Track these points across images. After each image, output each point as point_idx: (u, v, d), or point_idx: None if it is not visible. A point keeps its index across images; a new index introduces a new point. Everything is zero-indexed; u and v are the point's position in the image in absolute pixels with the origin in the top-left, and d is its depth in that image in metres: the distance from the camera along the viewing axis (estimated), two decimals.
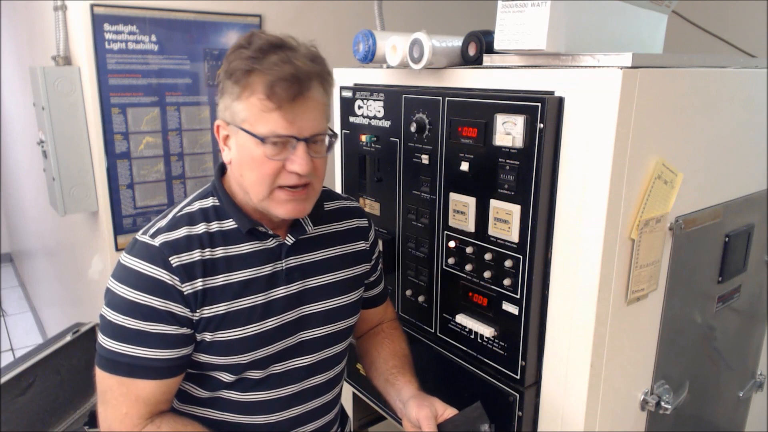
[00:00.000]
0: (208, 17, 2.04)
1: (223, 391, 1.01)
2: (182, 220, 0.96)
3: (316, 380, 1.08)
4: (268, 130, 0.88)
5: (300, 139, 0.90)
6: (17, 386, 1.51)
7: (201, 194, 1.02)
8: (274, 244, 1.00)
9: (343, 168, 1.52)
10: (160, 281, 0.90)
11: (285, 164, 0.91)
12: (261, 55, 0.88)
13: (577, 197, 1.01)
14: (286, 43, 0.91)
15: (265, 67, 0.87)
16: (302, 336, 1.04)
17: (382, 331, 1.24)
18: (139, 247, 0.93)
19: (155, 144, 2.02)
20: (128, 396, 0.92)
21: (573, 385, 1.08)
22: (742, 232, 1.33)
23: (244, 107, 0.89)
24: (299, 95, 0.88)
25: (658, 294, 1.16)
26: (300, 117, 0.89)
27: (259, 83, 0.87)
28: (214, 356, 0.96)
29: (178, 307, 0.92)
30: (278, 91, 0.86)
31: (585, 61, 1.00)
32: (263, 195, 0.93)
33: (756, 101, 1.29)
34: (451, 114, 1.17)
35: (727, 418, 1.58)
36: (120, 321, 0.90)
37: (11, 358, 3.65)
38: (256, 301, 0.98)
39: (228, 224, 0.98)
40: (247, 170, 0.92)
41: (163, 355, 0.91)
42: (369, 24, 1.59)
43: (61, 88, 1.86)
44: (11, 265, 5.26)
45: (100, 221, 2.02)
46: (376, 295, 1.23)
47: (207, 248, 0.95)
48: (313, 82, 0.90)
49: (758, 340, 1.59)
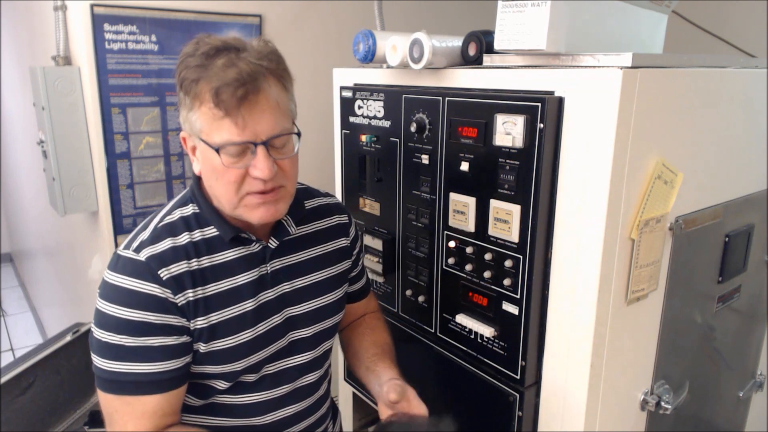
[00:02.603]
0: (208, 17, 2.04)
1: (216, 397, 1.00)
2: (164, 231, 0.93)
3: (308, 378, 1.08)
4: (221, 139, 0.85)
5: (257, 143, 0.86)
6: (17, 386, 1.51)
7: (180, 202, 0.99)
8: (258, 248, 0.99)
9: (343, 168, 1.52)
10: (153, 296, 0.88)
11: (248, 170, 0.88)
12: (206, 61, 0.84)
13: (577, 197, 1.01)
14: (231, 45, 0.86)
15: (211, 73, 0.83)
16: (292, 336, 1.04)
17: (364, 322, 1.23)
18: (123, 263, 0.90)
19: (155, 144, 2.02)
20: (133, 414, 0.90)
21: (573, 385, 1.08)
22: (742, 232, 1.33)
23: (197, 117, 0.86)
24: (245, 99, 0.83)
25: (658, 294, 1.16)
26: (252, 121, 0.85)
27: (206, 92, 0.84)
28: (209, 366, 0.95)
29: (175, 318, 0.90)
30: (223, 97, 0.83)
31: (585, 61, 1.00)
32: (233, 203, 0.91)
33: (756, 101, 1.29)
34: (451, 114, 1.17)
35: (727, 418, 1.58)
36: (116, 341, 0.87)
37: (11, 358, 3.65)
38: (246, 308, 0.96)
39: (210, 231, 0.96)
40: (213, 180, 0.90)
41: (166, 367, 0.90)
42: (369, 24, 1.59)
43: (61, 88, 1.86)
44: (11, 265, 5.26)
45: (100, 221, 2.02)
46: (359, 290, 1.23)
47: (193, 259, 0.93)
48: (262, 82, 0.85)
49: (758, 340, 1.59)
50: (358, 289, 1.22)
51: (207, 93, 0.84)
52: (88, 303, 2.45)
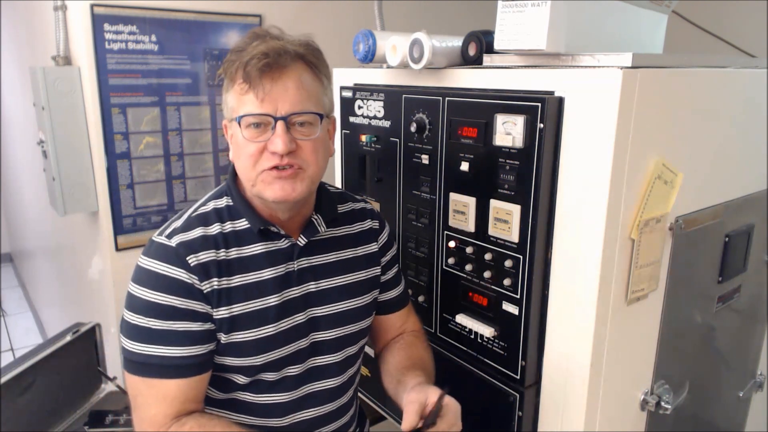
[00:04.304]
0: (208, 17, 2.04)
1: (238, 393, 1.01)
2: (197, 221, 0.96)
3: (330, 383, 1.07)
4: (243, 111, 0.89)
5: (277, 117, 0.89)
6: (17, 386, 1.51)
7: (216, 194, 1.02)
8: (287, 244, 1.00)
9: (343, 168, 1.52)
10: (180, 281, 0.91)
11: (267, 145, 0.90)
12: (245, 46, 0.90)
13: (577, 197, 1.01)
14: (270, 33, 0.92)
15: (245, 53, 0.88)
16: (314, 338, 1.03)
17: (402, 339, 1.18)
18: (155, 248, 0.93)
19: (155, 144, 2.02)
20: (157, 396, 0.91)
21: (573, 385, 1.08)
22: (742, 232, 1.33)
23: (230, 97, 0.92)
24: (267, 70, 0.87)
25: (658, 294, 1.16)
26: (273, 94, 0.88)
27: (239, 70, 0.89)
28: (228, 357, 0.96)
29: (199, 304, 0.92)
30: (248, 69, 0.87)
31: (585, 61, 1.00)
32: (252, 179, 0.92)
33: (756, 101, 1.29)
34: (451, 114, 1.17)
35: (727, 418, 1.58)
36: (144, 323, 0.90)
37: (11, 358, 3.64)
38: (269, 303, 0.97)
39: (241, 224, 0.98)
40: (237, 159, 0.94)
41: (190, 352, 0.92)
42: (369, 24, 1.59)
43: (61, 88, 1.86)
44: (11, 265, 5.26)
45: (100, 221, 2.02)
46: (392, 300, 1.18)
47: (222, 249, 0.95)
48: (288, 61, 0.89)
49: (758, 340, 1.59)
50: (390, 299, 1.18)
51: (239, 70, 0.88)
52: (88, 303, 2.45)
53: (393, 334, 1.20)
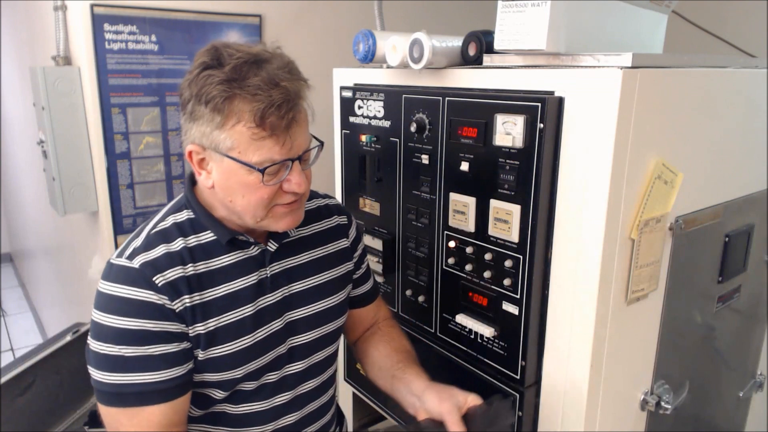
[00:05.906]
0: (208, 17, 2.04)
1: (217, 406, 0.99)
2: (157, 238, 0.91)
3: (309, 385, 1.06)
4: (262, 158, 0.83)
5: (294, 159, 0.87)
6: (17, 386, 1.51)
7: (173, 208, 0.96)
8: (257, 251, 0.97)
9: (343, 168, 1.52)
10: (149, 303, 0.86)
11: (282, 185, 0.88)
12: (238, 76, 0.81)
13: (577, 197, 1.01)
14: (260, 57, 0.83)
15: (250, 92, 0.80)
16: (292, 342, 1.02)
17: (380, 330, 1.20)
18: (117, 271, 0.87)
19: (155, 144, 2.02)
20: (140, 426, 0.87)
21: (573, 385, 1.08)
22: (742, 232, 1.33)
23: (228, 136, 0.83)
24: (294, 121, 0.84)
25: (658, 294, 1.16)
26: (293, 139, 0.85)
27: (245, 111, 0.81)
28: (207, 374, 0.93)
29: (173, 325, 0.88)
30: (272, 119, 0.81)
31: (585, 61, 1.00)
32: (261, 216, 0.90)
33: (756, 101, 1.29)
34: (451, 114, 1.17)
35: (727, 418, 1.58)
36: (116, 351, 0.85)
37: (11, 358, 3.64)
38: (245, 313, 0.94)
39: (206, 236, 0.94)
40: (238, 197, 0.88)
41: (169, 375, 0.88)
42: (369, 24, 1.59)
43: (61, 88, 1.86)
44: (11, 265, 5.26)
45: (100, 221, 2.02)
46: (365, 293, 1.19)
47: (189, 264, 0.90)
48: (299, 98, 0.85)
49: (758, 340, 1.59)
50: (363, 293, 1.19)
51: (247, 113, 0.81)
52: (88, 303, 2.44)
53: (367, 325, 1.22)
